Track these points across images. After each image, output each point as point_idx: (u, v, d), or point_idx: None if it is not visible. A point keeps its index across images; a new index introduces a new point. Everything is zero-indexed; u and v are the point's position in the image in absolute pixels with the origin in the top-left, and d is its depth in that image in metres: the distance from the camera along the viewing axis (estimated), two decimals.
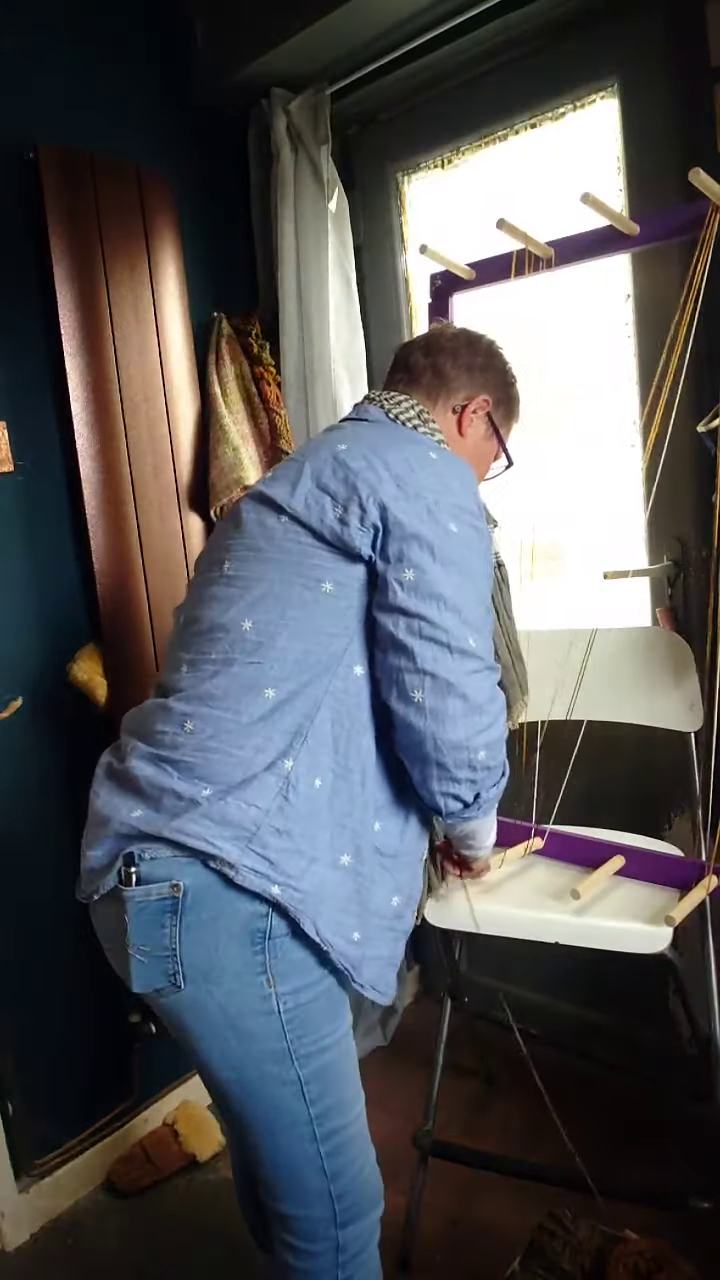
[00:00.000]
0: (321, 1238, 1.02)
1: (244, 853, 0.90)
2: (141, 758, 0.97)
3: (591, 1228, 1.34)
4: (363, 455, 0.97)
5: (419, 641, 0.92)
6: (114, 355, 1.60)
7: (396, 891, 1.02)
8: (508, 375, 1.22)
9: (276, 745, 0.93)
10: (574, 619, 1.55)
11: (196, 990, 0.92)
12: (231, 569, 1.00)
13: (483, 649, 0.95)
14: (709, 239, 1.18)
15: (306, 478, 0.98)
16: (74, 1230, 1.61)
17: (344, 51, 1.65)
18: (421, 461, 0.98)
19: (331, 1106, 0.99)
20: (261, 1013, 0.93)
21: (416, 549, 0.93)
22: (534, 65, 1.59)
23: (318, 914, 0.93)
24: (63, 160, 1.51)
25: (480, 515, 1.00)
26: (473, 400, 1.17)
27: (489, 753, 0.95)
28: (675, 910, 1.20)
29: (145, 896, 0.90)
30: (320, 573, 0.96)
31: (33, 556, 1.57)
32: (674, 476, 1.41)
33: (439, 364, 1.16)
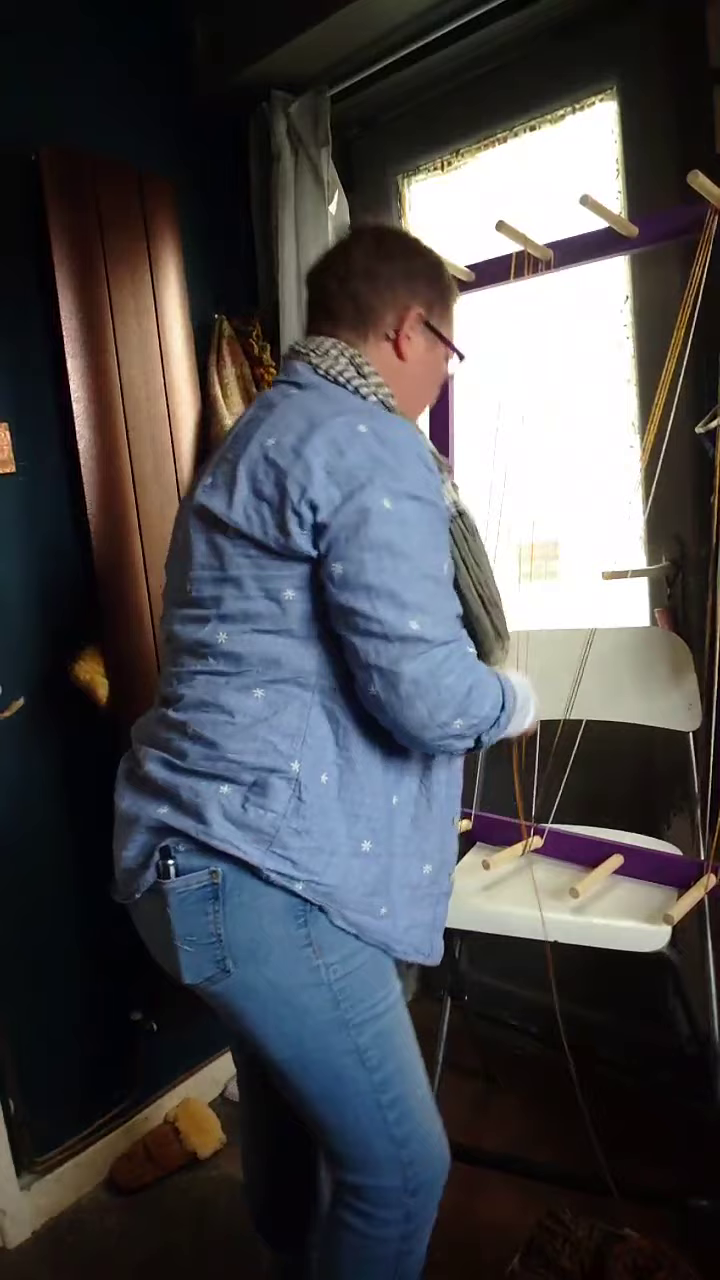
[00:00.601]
0: (393, 1205, 1.03)
1: (266, 855, 0.91)
2: (155, 762, 0.98)
3: (591, 1226, 1.35)
4: (291, 448, 0.92)
5: (357, 637, 0.90)
6: (115, 356, 1.60)
7: (426, 861, 1.02)
8: (432, 269, 1.09)
9: (279, 748, 0.93)
10: (573, 619, 1.56)
11: (246, 971, 0.93)
12: (194, 590, 0.99)
13: (429, 627, 0.90)
14: (707, 241, 1.19)
15: (242, 483, 0.94)
16: (75, 1228, 1.61)
17: (344, 54, 1.65)
18: (350, 440, 0.91)
19: (393, 1072, 1.00)
20: (312, 985, 0.95)
21: (345, 540, 0.90)
22: (533, 68, 1.60)
23: (344, 903, 0.94)
24: (64, 162, 1.52)
25: (423, 482, 0.93)
26: (404, 319, 1.05)
27: (464, 718, 0.92)
28: (674, 909, 1.21)
29: (186, 886, 0.91)
30: (278, 583, 0.94)
31: (34, 556, 1.57)
32: (673, 477, 1.41)
33: (357, 293, 1.04)
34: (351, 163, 1.89)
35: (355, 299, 1.05)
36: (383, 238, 1.08)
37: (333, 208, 1.72)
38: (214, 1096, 1.88)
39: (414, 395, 1.11)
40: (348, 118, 1.82)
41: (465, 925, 1.37)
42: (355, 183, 1.89)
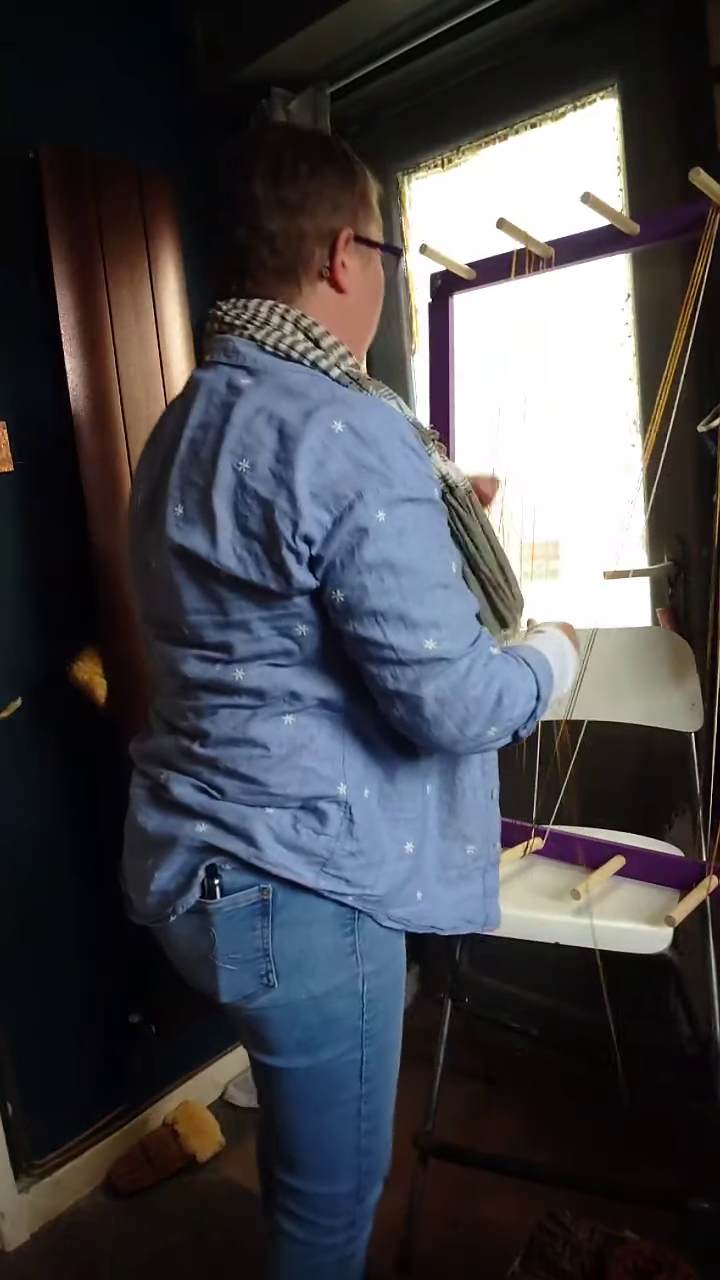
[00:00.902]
0: (340, 1213, 1.04)
1: (319, 876, 0.89)
2: (187, 787, 0.92)
3: (591, 1228, 1.34)
4: (270, 473, 0.81)
5: (373, 665, 0.85)
6: (114, 355, 1.59)
7: (468, 842, 1.01)
8: (344, 175, 0.93)
9: (322, 773, 0.90)
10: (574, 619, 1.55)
11: (289, 984, 0.92)
12: (195, 634, 0.90)
13: (445, 641, 0.83)
14: (709, 239, 1.18)
15: (224, 519, 0.83)
16: (74, 1231, 1.61)
17: (344, 51, 1.64)
18: (329, 447, 0.80)
19: (380, 1085, 1.01)
20: (348, 994, 0.94)
21: (342, 565, 0.82)
22: (534, 65, 1.59)
23: (392, 903, 0.94)
24: (63, 160, 1.51)
25: (411, 472, 0.83)
26: (335, 247, 0.91)
27: (498, 726, 0.87)
28: (675, 910, 1.20)
29: (234, 905, 0.89)
30: (289, 621, 0.86)
31: (33, 556, 1.57)
32: (674, 476, 1.40)
33: (274, 237, 0.89)
34: None
35: (273, 244, 0.89)
36: (277, 156, 0.89)
37: None
38: (213, 1099, 1.87)
39: (362, 324, 0.99)
40: (348, 115, 1.82)
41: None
42: None
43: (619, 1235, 1.33)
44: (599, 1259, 1.30)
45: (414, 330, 1.92)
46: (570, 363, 1.64)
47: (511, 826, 1.49)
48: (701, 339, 1.21)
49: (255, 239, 0.89)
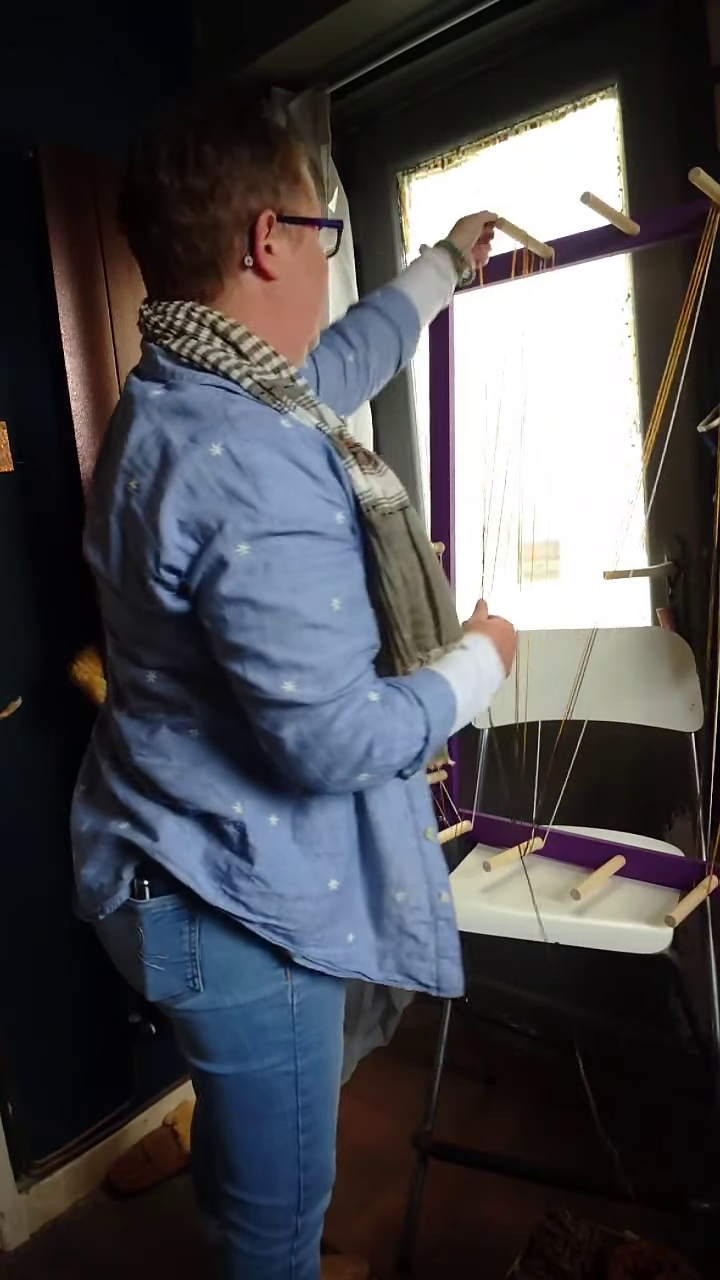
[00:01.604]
0: (282, 1225, 1.04)
1: (218, 894, 0.88)
2: (116, 781, 0.95)
3: (591, 1228, 1.34)
4: (148, 496, 0.79)
5: (241, 698, 0.82)
6: (114, 355, 1.59)
7: (397, 888, 0.96)
8: (256, 148, 0.83)
9: (218, 791, 0.88)
10: (574, 619, 1.55)
11: (215, 991, 0.92)
12: (118, 641, 0.94)
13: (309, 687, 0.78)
14: (709, 239, 1.18)
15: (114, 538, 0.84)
16: (73, 1231, 1.60)
17: (344, 51, 1.64)
18: (202, 474, 0.77)
19: (318, 1099, 1.00)
20: (277, 1005, 0.94)
21: (204, 599, 0.79)
22: (534, 65, 1.59)
23: (308, 942, 0.91)
24: (63, 160, 1.51)
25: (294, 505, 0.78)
26: (255, 232, 0.84)
27: (370, 773, 0.83)
28: (676, 910, 1.20)
29: (161, 908, 0.90)
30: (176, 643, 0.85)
31: (33, 556, 1.57)
32: (674, 476, 1.40)
33: (182, 228, 0.82)
34: (351, 160, 1.89)
35: (187, 239, 0.83)
36: (182, 141, 0.82)
37: (332, 205, 1.72)
38: None
39: (302, 308, 0.92)
40: (347, 115, 1.82)
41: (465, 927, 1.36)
42: (355, 180, 1.88)
43: (619, 1235, 1.33)
44: (599, 1259, 1.30)
45: None
46: (570, 362, 1.64)
47: (511, 826, 1.49)
48: (701, 339, 1.21)
49: (167, 235, 0.83)
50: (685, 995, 1.40)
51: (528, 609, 1.47)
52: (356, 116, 1.84)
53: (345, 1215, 1.56)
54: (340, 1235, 1.52)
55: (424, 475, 1.93)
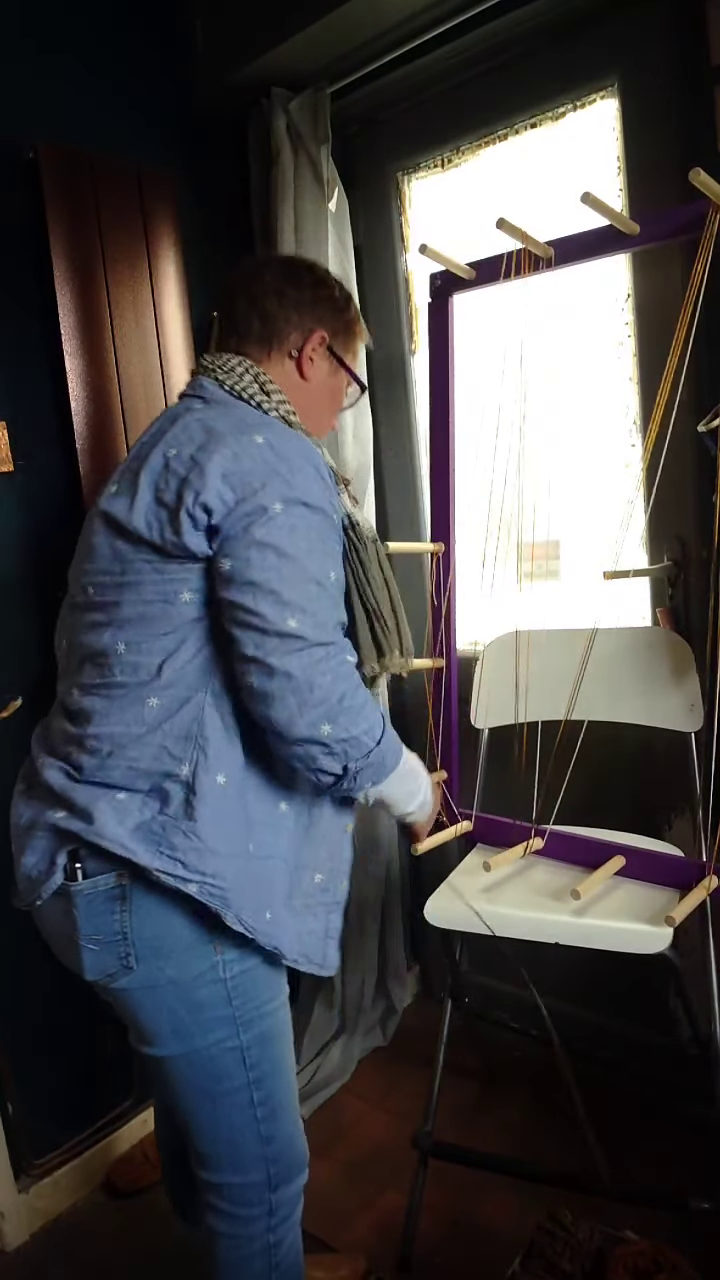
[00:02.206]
0: (256, 1202, 1.08)
1: (154, 855, 0.94)
2: (54, 770, 1.00)
3: (591, 1228, 1.34)
4: (191, 457, 0.96)
5: (239, 630, 0.94)
6: (114, 355, 1.59)
7: (316, 870, 1.06)
8: (338, 300, 1.15)
9: (171, 752, 0.96)
10: (574, 619, 1.55)
11: (149, 968, 0.97)
12: (95, 595, 1.02)
13: (306, 627, 0.93)
14: (709, 239, 1.18)
15: (144, 490, 0.98)
16: (73, 1231, 1.61)
17: (344, 51, 1.64)
18: (247, 449, 0.95)
19: (269, 1071, 1.04)
20: (210, 981, 0.99)
21: (233, 539, 0.94)
22: (534, 65, 1.59)
23: (241, 906, 0.97)
24: (63, 160, 1.51)
25: (316, 490, 0.97)
26: (309, 340, 1.12)
27: (335, 726, 0.94)
28: (676, 910, 1.20)
29: (93, 888, 0.95)
30: (175, 585, 0.97)
31: (33, 556, 1.57)
32: (674, 476, 1.40)
33: (266, 311, 1.10)
34: (351, 160, 1.89)
35: (262, 315, 1.10)
36: (293, 264, 1.16)
37: (332, 205, 1.72)
38: None
39: (314, 414, 1.15)
40: (348, 115, 1.82)
41: (466, 927, 1.36)
42: (355, 180, 1.88)
43: (619, 1235, 1.33)
44: (599, 1259, 1.30)
45: (414, 330, 1.92)
46: (570, 362, 1.64)
47: (511, 826, 1.49)
48: (701, 339, 1.21)
49: (252, 309, 1.11)
50: (685, 995, 1.40)
51: (528, 609, 1.48)
52: (356, 116, 1.84)
53: (345, 1215, 1.57)
54: (340, 1234, 1.53)
55: (424, 475, 1.93)
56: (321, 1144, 1.74)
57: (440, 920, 1.37)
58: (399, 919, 2.04)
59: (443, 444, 1.55)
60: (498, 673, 1.62)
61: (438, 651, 1.57)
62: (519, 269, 1.39)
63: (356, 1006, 1.99)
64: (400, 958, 2.05)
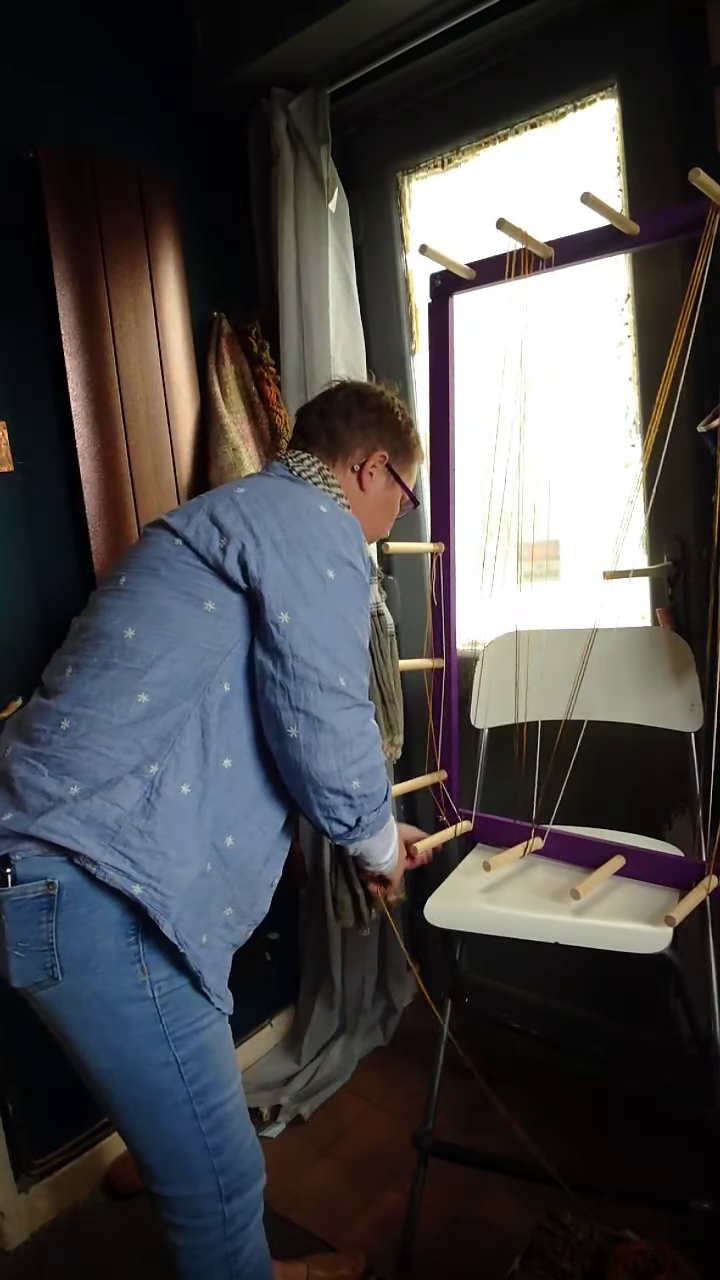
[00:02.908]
0: (208, 1213, 1.07)
1: (105, 850, 0.94)
2: (17, 759, 1.00)
3: (591, 1228, 1.34)
4: (256, 500, 1.05)
5: (293, 681, 0.98)
6: (114, 355, 1.60)
7: (231, 904, 1.06)
8: (400, 425, 1.28)
9: (144, 749, 0.97)
10: (574, 619, 1.55)
11: (75, 981, 0.96)
12: (126, 583, 1.06)
13: (353, 687, 1.01)
14: (709, 239, 1.18)
15: (203, 511, 1.06)
16: (73, 1230, 1.61)
17: (344, 51, 1.65)
18: (309, 512, 1.05)
19: (209, 1085, 1.03)
20: (137, 999, 0.98)
21: (293, 593, 1.00)
22: (534, 65, 1.59)
23: (179, 917, 0.97)
24: (63, 160, 1.51)
25: (361, 567, 1.07)
26: (370, 457, 1.24)
27: (362, 782, 1.02)
28: (675, 910, 1.20)
29: (21, 895, 0.94)
30: (204, 592, 1.02)
31: (33, 556, 1.57)
32: (674, 476, 1.40)
33: (334, 428, 1.23)
34: (351, 160, 1.89)
35: (330, 431, 1.23)
36: (364, 392, 1.27)
37: (332, 205, 1.72)
38: None
39: (368, 522, 1.26)
40: (347, 115, 1.82)
41: (466, 926, 1.36)
42: (355, 180, 1.88)
43: (619, 1235, 1.33)
44: (599, 1259, 1.30)
45: (414, 330, 1.92)
46: (570, 362, 1.64)
47: (511, 826, 1.49)
48: (701, 339, 1.21)
49: (322, 425, 1.24)
50: (685, 995, 1.40)
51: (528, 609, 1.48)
52: (356, 116, 1.84)
53: (346, 1214, 1.57)
54: (341, 1234, 1.53)
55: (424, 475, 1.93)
56: (322, 1144, 1.74)
57: (440, 920, 1.37)
58: (399, 919, 2.05)
59: (443, 444, 1.55)
60: (498, 673, 1.62)
61: (438, 651, 1.57)
62: (519, 269, 1.39)
63: (357, 1006, 1.99)
64: (400, 958, 2.05)
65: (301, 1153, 1.73)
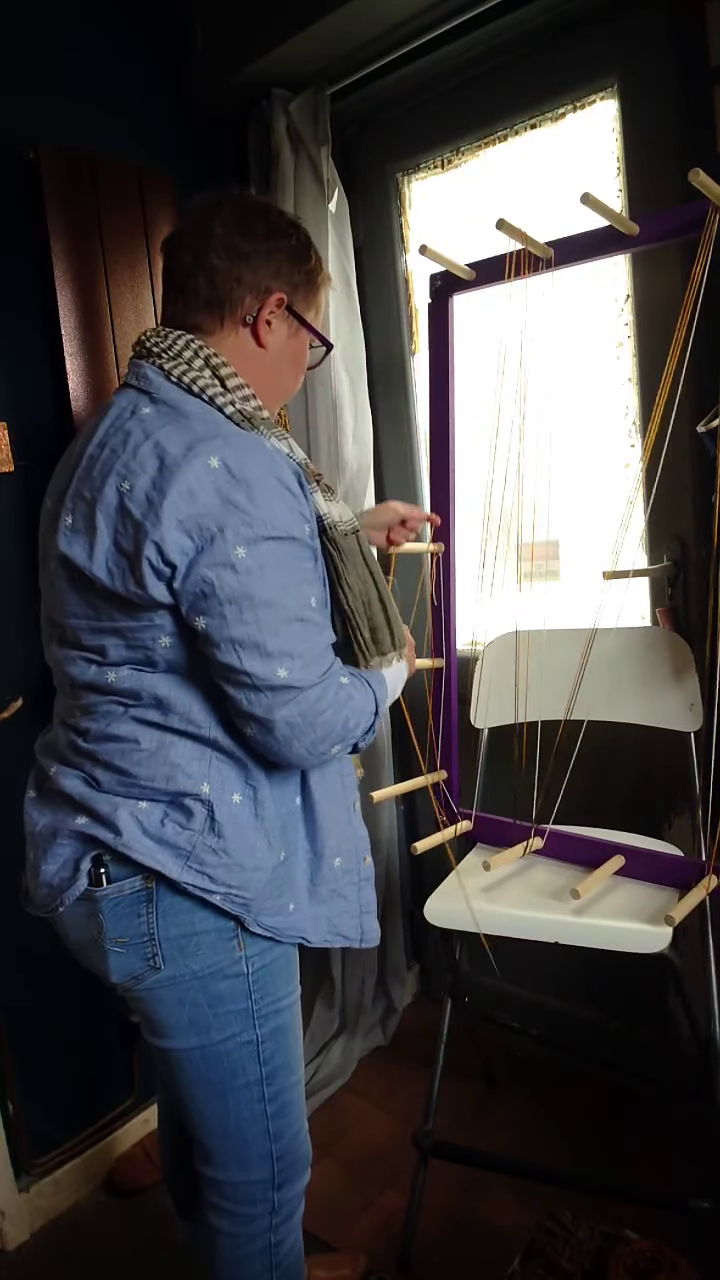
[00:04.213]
0: (259, 1200, 1.07)
1: (184, 870, 0.94)
2: (72, 779, 0.99)
3: (591, 1228, 1.34)
4: (145, 497, 0.87)
5: (231, 688, 0.92)
6: (114, 355, 1.60)
7: (335, 854, 1.06)
8: (298, 250, 1.01)
9: (186, 771, 0.95)
10: (574, 619, 1.55)
11: (174, 966, 0.97)
12: (75, 637, 0.97)
13: (297, 672, 0.90)
14: (709, 240, 1.18)
15: (103, 534, 0.90)
16: (74, 1230, 1.61)
17: (344, 52, 1.65)
18: (202, 481, 0.86)
19: (280, 1066, 1.04)
20: (232, 975, 0.99)
21: (203, 595, 0.88)
22: (534, 65, 1.59)
23: (261, 909, 0.98)
24: (63, 160, 1.51)
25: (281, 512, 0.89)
26: (264, 303, 0.99)
27: (342, 744, 0.97)
28: (675, 910, 1.20)
29: (119, 892, 0.95)
30: (152, 633, 0.92)
31: (33, 557, 1.56)
32: (674, 476, 1.41)
33: (214, 271, 0.97)
34: (351, 161, 1.89)
35: (212, 277, 0.97)
36: (245, 210, 0.99)
37: (332, 206, 1.72)
38: None
39: (274, 384, 1.05)
40: (348, 115, 1.82)
41: (465, 926, 1.36)
42: (355, 181, 1.88)
43: (619, 1235, 1.33)
44: (599, 1258, 1.30)
45: (414, 331, 1.92)
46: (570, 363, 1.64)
47: (511, 826, 1.49)
48: (701, 339, 1.21)
49: (197, 268, 0.98)
50: (685, 995, 1.40)
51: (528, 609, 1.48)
52: (356, 117, 1.84)
53: (346, 1214, 1.57)
54: (341, 1234, 1.53)
55: (424, 475, 1.93)
56: (322, 1144, 1.74)
57: (440, 920, 1.38)
58: (399, 919, 2.05)
59: (442, 444, 1.55)
60: (497, 673, 1.62)
61: (438, 651, 1.57)
62: (519, 270, 1.39)
63: (357, 1006, 1.99)
64: (400, 958, 2.05)
65: None
